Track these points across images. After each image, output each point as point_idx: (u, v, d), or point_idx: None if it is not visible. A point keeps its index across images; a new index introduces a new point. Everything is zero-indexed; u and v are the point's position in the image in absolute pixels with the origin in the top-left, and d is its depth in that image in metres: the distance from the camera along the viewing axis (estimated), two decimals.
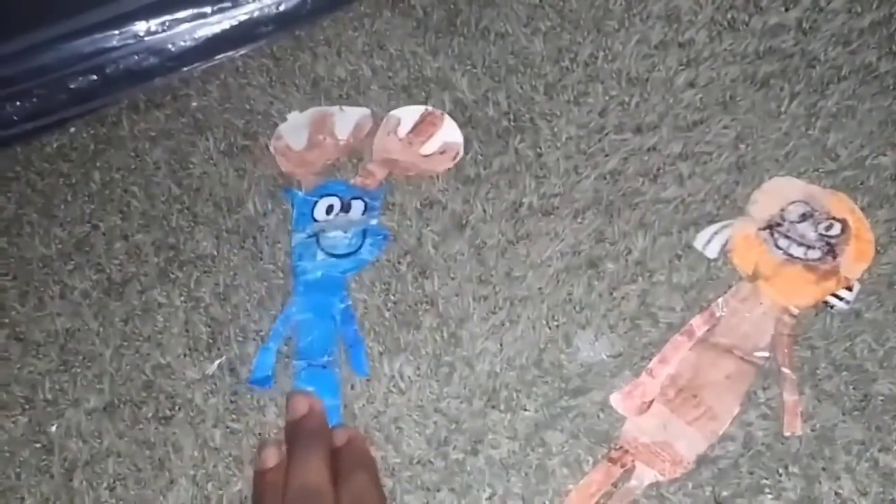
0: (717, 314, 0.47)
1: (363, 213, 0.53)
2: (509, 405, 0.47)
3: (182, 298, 0.51)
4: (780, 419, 0.45)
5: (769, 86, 0.55)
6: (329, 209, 0.53)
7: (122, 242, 0.54)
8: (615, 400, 0.46)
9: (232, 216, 0.54)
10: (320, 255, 0.51)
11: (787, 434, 0.45)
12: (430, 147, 0.55)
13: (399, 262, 0.51)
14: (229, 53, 0.59)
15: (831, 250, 0.47)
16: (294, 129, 0.56)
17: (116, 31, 0.56)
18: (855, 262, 0.47)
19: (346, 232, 0.52)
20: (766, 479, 0.44)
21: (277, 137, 0.56)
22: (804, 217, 0.48)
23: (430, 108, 0.56)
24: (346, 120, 0.56)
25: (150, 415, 0.48)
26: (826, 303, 0.47)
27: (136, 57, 0.57)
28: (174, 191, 0.55)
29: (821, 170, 0.52)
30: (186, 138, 0.57)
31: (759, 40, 0.56)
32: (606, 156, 0.53)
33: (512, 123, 0.55)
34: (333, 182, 0.54)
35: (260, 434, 0.47)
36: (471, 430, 0.46)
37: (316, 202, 0.53)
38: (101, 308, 0.52)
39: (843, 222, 0.48)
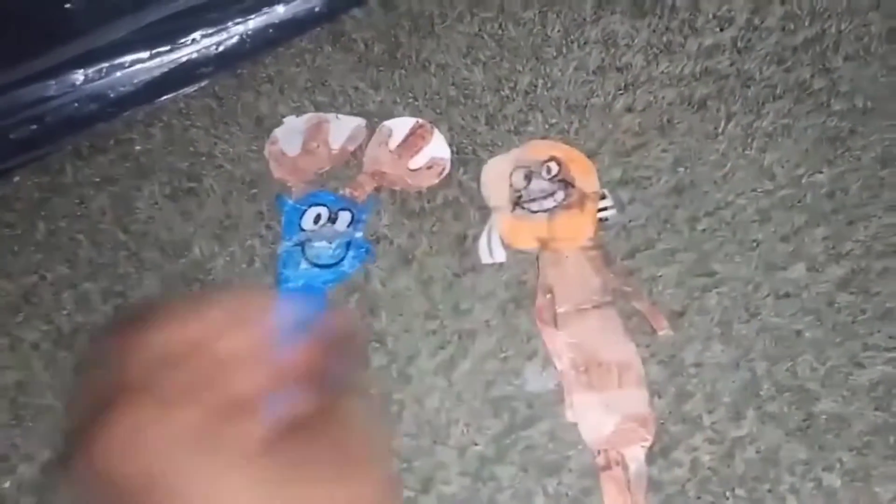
0: (546, 292, 0.49)
1: (349, 226, 0.53)
2: (459, 441, 0.47)
3: None
4: (726, 441, 0.46)
5: (706, 107, 0.55)
6: (317, 219, 0.54)
7: (70, 291, 0.54)
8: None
9: (178, 261, 0.54)
10: (304, 265, 0.52)
11: (661, 333, 0.48)
12: (418, 161, 0.56)
13: (347, 300, 0.52)
14: (171, 95, 0.58)
15: (566, 183, 0.51)
16: (289, 133, 0.57)
17: (53, 81, 0.56)
18: (585, 176, 0.52)
19: (330, 243, 0.53)
20: (714, 503, 0.44)
21: (272, 141, 0.57)
22: (528, 177, 0.52)
23: (420, 120, 0.57)
24: (341, 128, 0.57)
25: None
26: (602, 220, 0.51)
27: (76, 104, 0.56)
28: (120, 237, 0.55)
29: (758, 190, 0.52)
30: (131, 183, 0.57)
31: (695, 62, 0.57)
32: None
33: (455, 155, 0.56)
34: (323, 192, 0.55)
35: None
36: (422, 468, 0.47)
37: (305, 211, 0.54)
38: (51, 359, 0.52)
39: (555, 159, 0.52)
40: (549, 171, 0.51)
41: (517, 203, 0.51)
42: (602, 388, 0.46)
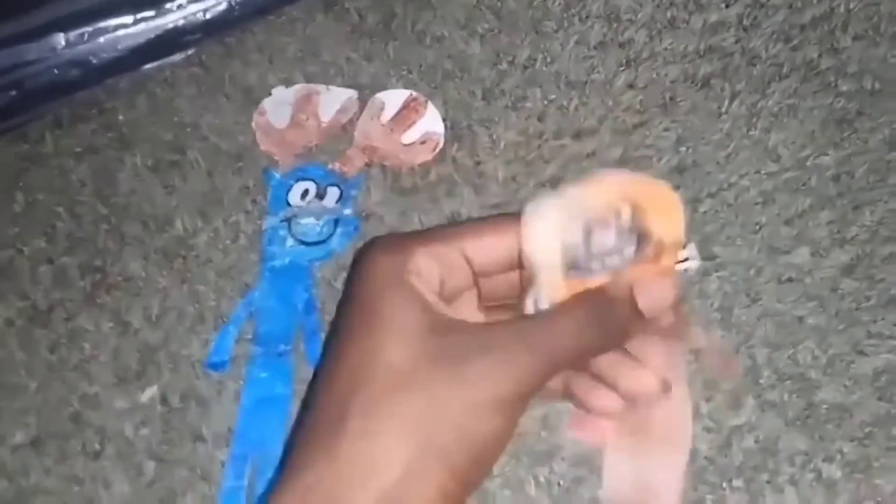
0: None
1: (337, 202, 0.52)
2: None
3: (110, 324, 0.50)
4: (724, 430, 0.44)
5: (710, 86, 0.54)
6: (304, 194, 0.52)
7: (48, 266, 0.52)
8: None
9: (160, 235, 0.52)
10: (290, 242, 0.51)
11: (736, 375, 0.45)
12: (411, 136, 0.54)
13: (334, 280, 0.50)
14: (156, 63, 0.56)
15: (641, 231, 0.34)
16: (278, 104, 0.55)
17: (33, 44, 0.53)
18: (666, 221, 0.34)
19: (318, 219, 0.51)
20: (710, 494, 0.43)
21: (260, 112, 0.55)
22: (589, 231, 0.34)
23: (414, 93, 0.55)
24: (331, 100, 0.55)
25: (78, 449, 0.47)
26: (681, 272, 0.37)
27: (56, 70, 0.54)
28: (100, 210, 0.53)
29: (762, 171, 0.51)
30: (113, 154, 0.55)
31: (699, 39, 0.55)
32: (546, 162, 0.52)
33: (449, 131, 0.54)
34: (311, 166, 0.53)
35: (192, 467, 0.46)
36: None
37: (292, 186, 0.52)
38: (27, 337, 0.50)
39: (629, 202, 0.34)
40: (618, 217, 0.34)
41: (572, 265, 0.35)
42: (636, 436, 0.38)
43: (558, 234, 0.35)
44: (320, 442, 0.29)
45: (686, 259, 0.37)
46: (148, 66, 0.56)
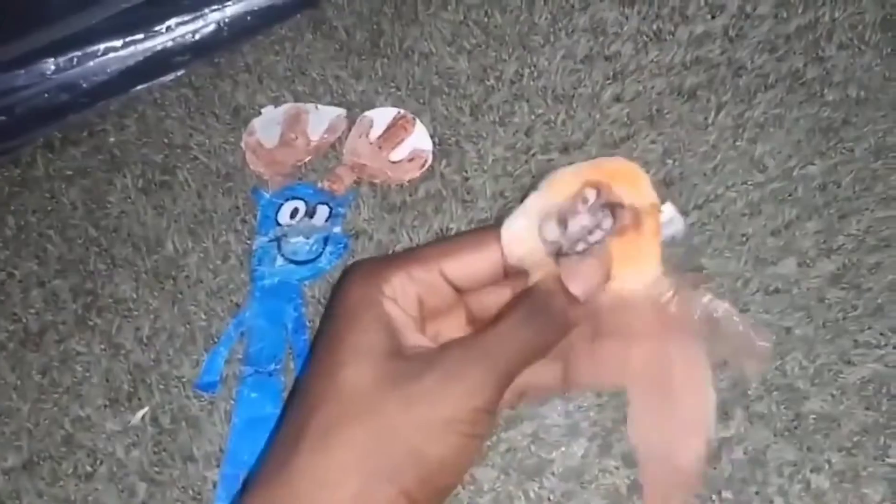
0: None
1: (327, 220, 0.52)
2: None
3: (102, 346, 0.50)
4: (713, 441, 0.44)
5: (696, 97, 0.54)
6: (294, 213, 0.52)
7: (39, 289, 0.52)
8: None
9: (151, 257, 0.52)
10: (279, 261, 0.51)
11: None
12: (400, 153, 0.54)
13: (324, 299, 0.50)
14: (146, 85, 0.57)
15: (613, 206, 0.36)
16: (267, 124, 0.55)
17: (22, 70, 0.54)
18: (634, 189, 0.36)
19: (307, 238, 0.51)
20: None
21: (250, 132, 0.55)
22: (564, 221, 0.36)
23: (402, 111, 0.55)
24: (320, 119, 0.55)
25: (70, 471, 0.47)
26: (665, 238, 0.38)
27: (46, 95, 0.55)
28: (91, 232, 0.53)
29: (749, 182, 0.51)
30: (103, 176, 0.55)
31: (685, 50, 0.55)
32: (534, 177, 0.53)
33: (437, 147, 0.54)
34: (300, 185, 0.54)
35: (183, 487, 0.46)
36: None
37: (281, 205, 0.53)
38: (18, 360, 0.50)
39: (590, 184, 0.36)
40: (585, 201, 0.36)
41: (559, 254, 0.36)
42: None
43: (535, 235, 0.36)
44: (279, 458, 0.30)
45: (664, 222, 0.37)
46: (138, 87, 0.57)
